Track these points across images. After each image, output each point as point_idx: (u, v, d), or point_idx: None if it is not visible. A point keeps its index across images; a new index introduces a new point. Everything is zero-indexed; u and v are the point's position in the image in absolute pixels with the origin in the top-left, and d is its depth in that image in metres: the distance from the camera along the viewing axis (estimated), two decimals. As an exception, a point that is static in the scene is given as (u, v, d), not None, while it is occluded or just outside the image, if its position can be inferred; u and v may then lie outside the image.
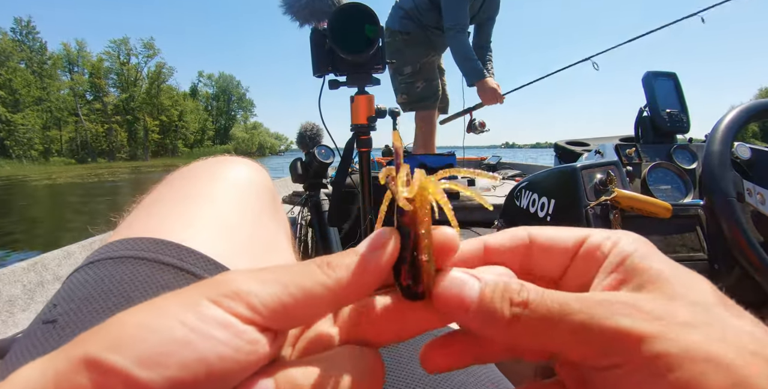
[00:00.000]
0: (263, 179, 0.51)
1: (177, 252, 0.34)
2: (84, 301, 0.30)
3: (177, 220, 0.39)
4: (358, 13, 1.02)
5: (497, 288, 0.19)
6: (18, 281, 1.13)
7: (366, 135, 1.16)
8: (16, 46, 47.62)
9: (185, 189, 0.44)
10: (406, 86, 2.78)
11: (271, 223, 0.47)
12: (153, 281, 0.32)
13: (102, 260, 0.34)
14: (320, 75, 1.14)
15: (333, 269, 0.18)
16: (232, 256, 0.37)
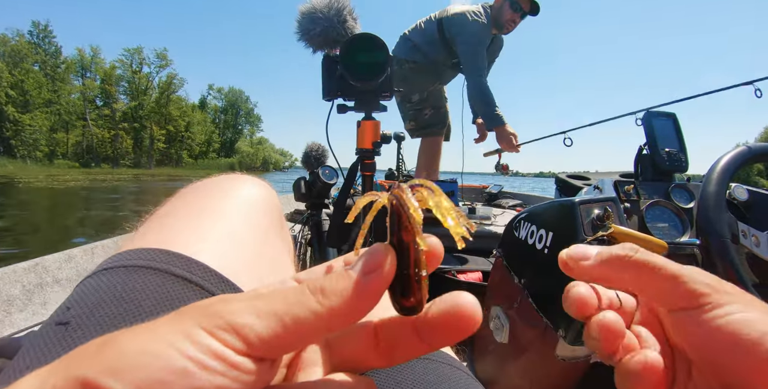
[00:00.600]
0: (271, 197, 0.53)
1: (187, 265, 0.36)
2: (96, 306, 0.32)
3: (189, 234, 0.40)
4: (369, 42, 1.06)
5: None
6: (18, 281, 1.14)
7: (370, 159, 1.19)
8: (31, 48, 48.45)
9: (198, 204, 0.46)
10: (415, 113, 2.83)
11: (277, 241, 0.48)
12: (163, 292, 0.33)
13: (115, 267, 0.36)
14: (329, 99, 1.18)
15: (327, 296, 0.18)
16: (238, 271, 0.38)
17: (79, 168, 46.66)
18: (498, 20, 2.63)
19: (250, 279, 0.39)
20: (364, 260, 0.19)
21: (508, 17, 2.62)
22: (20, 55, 45.84)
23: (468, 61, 2.54)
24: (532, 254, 1.07)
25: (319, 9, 1.06)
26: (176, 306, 0.32)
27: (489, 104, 2.48)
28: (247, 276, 0.39)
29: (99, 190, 14.89)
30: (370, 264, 0.19)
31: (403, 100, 2.83)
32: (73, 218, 7.94)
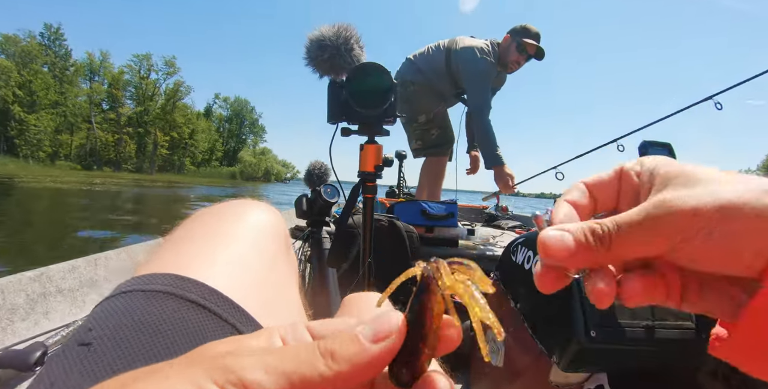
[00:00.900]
0: (279, 223, 0.55)
1: (201, 291, 0.38)
2: (117, 329, 0.33)
3: (202, 259, 0.43)
4: (374, 72, 1.10)
5: (584, 231, 0.26)
6: (22, 290, 1.16)
7: (372, 182, 1.22)
8: (42, 50, 48.95)
9: (211, 228, 0.48)
10: (421, 133, 2.88)
11: (283, 266, 0.51)
12: (178, 317, 0.35)
13: (134, 291, 0.38)
14: (334, 122, 1.21)
15: (336, 360, 0.19)
16: (247, 295, 0.41)
17: (81, 170, 46.79)
18: (503, 59, 2.70)
19: (257, 303, 0.41)
20: (375, 326, 0.20)
21: (513, 58, 2.69)
22: (30, 56, 46.30)
23: (473, 99, 2.60)
24: (529, 280, 1.08)
25: (328, 37, 1.10)
26: (192, 331, 0.35)
27: (491, 144, 2.53)
28: (255, 300, 0.41)
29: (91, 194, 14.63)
30: (381, 332, 0.20)
31: (409, 120, 2.87)
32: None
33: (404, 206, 2.23)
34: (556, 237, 0.26)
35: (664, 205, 0.24)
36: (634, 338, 0.87)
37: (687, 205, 0.23)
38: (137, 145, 57.93)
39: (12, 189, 13.95)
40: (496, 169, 2.54)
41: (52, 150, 48.18)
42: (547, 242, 0.26)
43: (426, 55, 2.76)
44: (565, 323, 0.89)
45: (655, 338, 0.88)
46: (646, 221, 0.24)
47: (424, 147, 2.92)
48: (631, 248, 0.25)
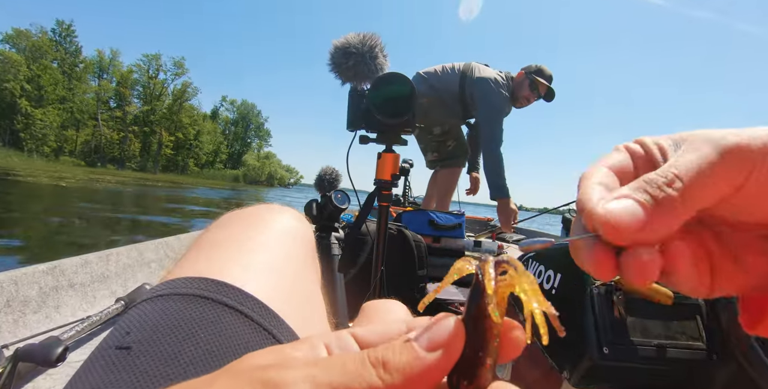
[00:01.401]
0: (307, 229, 0.56)
1: (237, 296, 0.38)
2: (155, 332, 0.33)
3: (236, 264, 0.43)
4: (398, 82, 1.11)
5: (646, 188, 0.22)
6: (36, 283, 1.16)
7: (388, 190, 1.23)
8: (52, 45, 49.44)
9: (241, 234, 0.48)
10: (437, 145, 2.91)
11: (311, 272, 0.51)
12: (216, 322, 0.35)
13: (170, 295, 0.38)
14: (353, 130, 1.23)
15: (388, 371, 0.17)
16: (279, 302, 0.41)
17: (84, 167, 46.91)
18: (515, 94, 2.73)
19: (290, 310, 0.41)
20: (430, 333, 0.18)
21: (525, 94, 2.73)
22: (40, 51, 46.80)
23: (488, 131, 2.60)
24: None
25: (353, 44, 1.11)
26: (228, 336, 0.34)
27: (500, 175, 2.55)
28: (288, 307, 0.41)
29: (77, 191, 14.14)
30: (436, 340, 0.18)
31: (423, 132, 2.89)
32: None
33: (413, 215, 2.24)
34: (622, 207, 0.21)
35: (724, 139, 0.21)
36: (646, 356, 0.86)
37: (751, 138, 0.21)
38: (142, 144, 58.17)
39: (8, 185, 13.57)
40: (500, 201, 2.55)
41: (57, 145, 48.42)
42: (612, 218, 0.21)
43: (438, 75, 2.76)
44: (578, 339, 0.89)
45: (666, 357, 0.88)
46: (708, 160, 0.21)
47: (441, 158, 2.95)
48: (700, 200, 0.21)
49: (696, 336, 0.92)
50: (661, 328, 0.91)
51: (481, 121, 2.65)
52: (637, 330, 0.90)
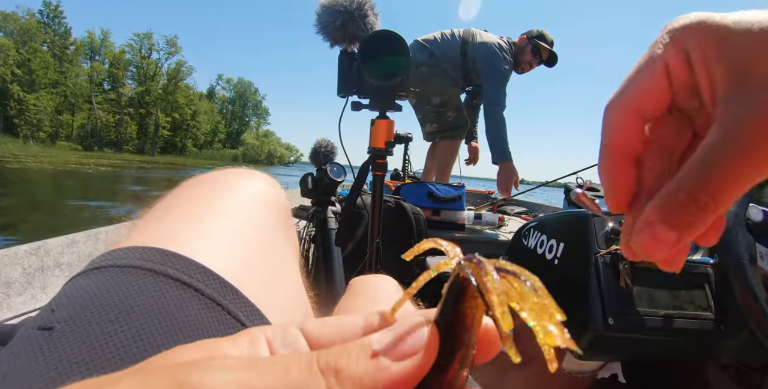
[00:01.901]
0: (279, 195, 0.49)
1: (185, 267, 0.33)
2: (83, 310, 0.29)
3: (189, 232, 0.37)
4: (390, 40, 1.05)
5: (677, 207, 0.21)
6: (18, 264, 1.14)
7: (382, 159, 1.18)
8: (41, 27, 48.72)
9: (201, 199, 0.43)
10: (437, 116, 2.83)
11: (283, 242, 0.46)
12: (156, 296, 0.30)
13: (107, 267, 0.33)
14: (344, 96, 1.17)
15: (341, 383, 0.14)
16: (241, 273, 0.36)
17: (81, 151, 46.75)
18: (517, 59, 2.71)
19: (253, 283, 0.36)
20: (398, 337, 0.15)
21: (527, 59, 2.71)
22: (29, 34, 46.16)
23: (492, 97, 2.57)
24: (541, 264, 1.06)
25: (340, 2, 1.04)
26: (173, 313, 0.30)
27: (502, 139, 2.52)
28: (251, 280, 0.37)
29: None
30: (406, 346, 0.15)
31: (421, 102, 2.82)
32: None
33: (411, 187, 2.20)
34: (650, 240, 0.21)
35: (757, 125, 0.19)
36: (652, 327, 0.86)
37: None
38: (138, 126, 57.91)
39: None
40: (502, 165, 2.53)
41: (52, 130, 48.22)
42: (644, 249, 0.22)
43: (438, 42, 2.71)
44: (581, 309, 0.87)
45: (674, 328, 0.86)
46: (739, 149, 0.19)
47: (440, 130, 2.88)
48: (738, 191, 0.20)
49: (704, 305, 0.91)
50: (669, 298, 0.90)
51: (485, 84, 2.61)
52: (643, 299, 0.88)
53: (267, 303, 0.36)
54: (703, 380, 0.97)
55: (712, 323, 0.89)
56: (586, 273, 0.90)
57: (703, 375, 0.97)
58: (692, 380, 0.99)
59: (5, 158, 19.10)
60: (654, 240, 0.21)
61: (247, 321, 0.32)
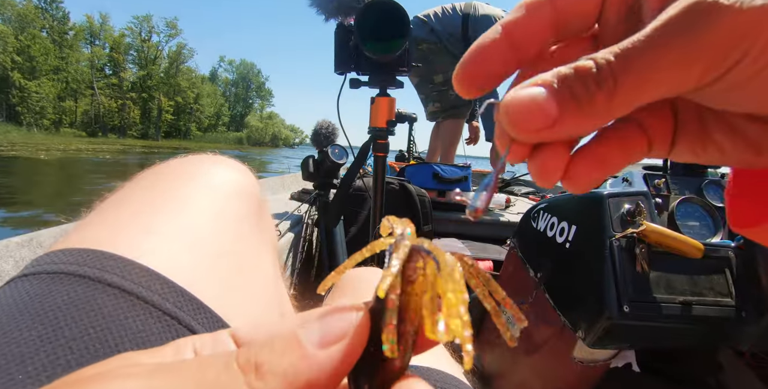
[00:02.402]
0: (247, 182, 0.45)
1: (127, 271, 0.29)
2: (2, 326, 0.25)
3: (136, 229, 0.33)
4: (387, 9, 0.99)
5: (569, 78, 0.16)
6: (10, 256, 1.12)
7: (384, 139, 1.14)
8: (38, 13, 48.46)
9: (152, 191, 0.38)
10: (439, 94, 2.81)
11: (251, 236, 0.41)
12: (91, 307, 0.27)
13: (37, 273, 0.29)
14: (341, 73, 1.12)
15: (263, 378, 0.13)
16: (197, 274, 0.32)
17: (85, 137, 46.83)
18: None
19: (211, 284, 0.32)
20: (323, 324, 0.14)
21: None
22: (26, 20, 45.93)
23: None
24: (552, 248, 1.03)
25: None
26: (107, 326, 0.26)
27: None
28: (208, 281, 0.33)
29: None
30: (332, 331, 0.14)
31: (424, 81, 2.81)
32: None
33: (416, 168, 2.18)
34: (526, 99, 0.16)
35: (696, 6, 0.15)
36: (669, 314, 0.83)
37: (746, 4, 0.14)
38: (141, 110, 57.98)
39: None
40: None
41: (56, 117, 48.32)
42: (513, 111, 0.16)
43: (439, 17, 2.68)
44: (595, 296, 0.84)
45: (692, 315, 0.83)
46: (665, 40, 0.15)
47: (443, 109, 2.86)
48: (648, 92, 0.16)
49: (725, 292, 0.87)
50: (687, 284, 0.87)
51: None
52: (660, 286, 0.85)
53: (230, 305, 0.32)
54: (718, 366, 0.95)
55: (732, 310, 0.85)
56: (601, 258, 0.87)
57: (718, 361, 0.94)
58: (707, 366, 0.97)
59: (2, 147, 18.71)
60: (530, 103, 0.16)
61: (202, 330, 0.29)
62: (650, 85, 0.15)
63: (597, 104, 0.16)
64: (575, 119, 0.16)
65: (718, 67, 0.15)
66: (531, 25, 0.19)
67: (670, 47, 0.15)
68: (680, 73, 0.15)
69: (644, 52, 0.15)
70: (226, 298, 0.32)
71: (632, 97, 0.16)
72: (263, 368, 0.13)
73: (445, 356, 0.48)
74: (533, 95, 0.16)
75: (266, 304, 0.38)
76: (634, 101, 0.16)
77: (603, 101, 0.16)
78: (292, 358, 0.13)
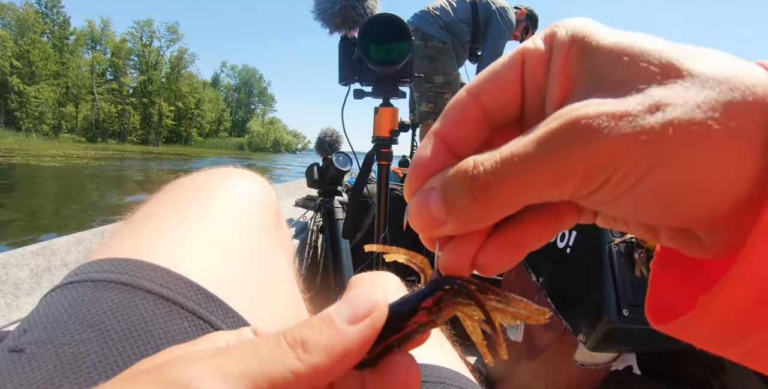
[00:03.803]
0: (266, 195, 0.48)
1: (164, 279, 0.32)
2: (56, 330, 0.28)
3: (168, 240, 0.36)
4: (390, 24, 1.03)
5: (452, 179, 0.18)
6: (26, 264, 1.15)
7: (387, 148, 1.18)
8: (39, 17, 48.70)
9: (181, 204, 0.41)
10: (434, 96, 2.80)
11: (271, 247, 0.45)
12: (134, 312, 0.30)
13: (81, 281, 0.32)
14: (346, 84, 1.16)
15: (309, 352, 0.15)
16: (226, 282, 0.35)
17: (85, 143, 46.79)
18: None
19: (238, 291, 0.36)
20: (350, 305, 0.17)
21: (515, 33, 2.82)
22: (26, 25, 46.14)
23: (494, 42, 2.66)
24: (553, 253, 1.05)
25: None
26: (150, 329, 0.29)
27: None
28: (236, 288, 0.36)
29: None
30: (359, 309, 0.17)
31: (424, 80, 2.79)
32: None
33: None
34: (416, 203, 0.19)
35: (567, 123, 0.16)
36: None
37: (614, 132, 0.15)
38: (142, 116, 58.05)
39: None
40: None
41: (55, 123, 48.38)
42: (410, 212, 0.19)
43: (447, 9, 2.69)
44: (595, 300, 0.86)
45: None
46: (541, 155, 0.16)
47: (435, 111, 2.83)
48: (521, 198, 0.17)
49: None
50: None
51: (493, 35, 2.68)
52: None
53: (255, 311, 0.36)
54: (721, 368, 0.96)
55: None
56: (600, 263, 0.88)
57: (720, 363, 0.96)
58: (709, 368, 0.99)
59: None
60: (421, 206, 0.19)
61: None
62: (528, 194, 0.17)
63: (476, 209, 0.18)
64: (461, 221, 0.18)
65: (588, 186, 0.16)
66: (462, 129, 0.20)
67: (544, 163, 0.16)
68: (555, 187, 0.17)
69: (522, 163, 0.16)
70: (251, 303, 0.36)
71: (511, 202, 0.17)
72: (308, 343, 0.16)
73: (452, 354, 0.51)
74: (422, 200, 0.19)
75: (285, 308, 0.42)
76: (514, 205, 0.18)
77: (481, 206, 0.18)
78: (329, 333, 0.16)
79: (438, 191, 0.19)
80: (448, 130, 0.20)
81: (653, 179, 0.16)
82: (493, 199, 0.17)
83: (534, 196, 0.17)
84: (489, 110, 0.20)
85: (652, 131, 0.15)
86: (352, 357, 0.16)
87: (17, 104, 44.27)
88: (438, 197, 0.19)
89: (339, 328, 0.16)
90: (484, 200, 0.17)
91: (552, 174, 0.16)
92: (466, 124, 0.20)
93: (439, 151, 0.20)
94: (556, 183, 0.16)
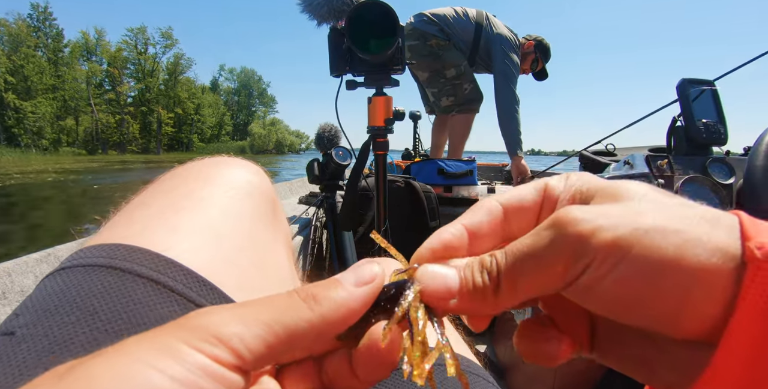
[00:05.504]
0: (261, 183, 0.49)
1: (154, 263, 0.33)
2: (46, 313, 0.29)
3: (160, 226, 0.37)
4: (376, 10, 1.04)
5: (472, 267, 0.22)
6: (30, 272, 1.18)
7: (383, 138, 1.19)
8: (31, 31, 48.87)
9: (174, 192, 0.42)
10: (453, 88, 2.83)
11: (266, 233, 0.45)
12: (123, 295, 0.31)
13: (73, 267, 0.33)
14: (338, 75, 1.17)
15: (319, 303, 0.19)
16: (217, 268, 0.36)
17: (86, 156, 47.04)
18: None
19: (231, 277, 0.37)
20: (356, 271, 0.21)
21: (524, 66, 2.86)
22: (19, 39, 46.29)
23: (507, 91, 2.70)
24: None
25: None
26: (138, 311, 0.30)
27: (517, 134, 2.68)
28: (228, 273, 0.37)
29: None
30: (363, 276, 0.20)
31: (435, 76, 2.82)
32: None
33: (420, 165, 2.22)
34: (438, 274, 0.22)
35: (556, 222, 0.19)
36: None
37: (587, 224, 0.18)
38: (141, 124, 58.22)
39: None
40: (515, 158, 2.68)
41: (55, 137, 48.53)
42: (423, 279, 0.22)
43: (450, 20, 2.72)
44: None
45: None
46: (536, 246, 0.20)
47: (457, 103, 2.87)
48: (524, 288, 0.20)
49: None
50: None
51: (501, 80, 2.70)
52: None
53: (249, 296, 0.36)
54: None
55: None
56: None
57: None
58: None
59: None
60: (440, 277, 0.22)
61: None
62: (527, 280, 0.20)
63: (487, 291, 0.21)
64: (471, 300, 0.21)
65: (569, 274, 0.19)
66: (491, 229, 0.24)
67: (535, 256, 0.20)
68: (545, 276, 0.20)
69: (521, 255, 0.20)
70: (244, 288, 0.37)
71: (518, 288, 0.20)
72: (318, 296, 0.19)
73: (455, 336, 0.51)
74: (444, 273, 0.22)
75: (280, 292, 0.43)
76: (519, 293, 0.20)
77: (491, 289, 0.21)
78: (337, 290, 0.20)
79: (457, 270, 0.22)
80: (476, 227, 0.24)
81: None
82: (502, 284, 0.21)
83: (535, 284, 0.20)
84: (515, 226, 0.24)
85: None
86: (354, 314, 0.19)
87: (14, 120, 44.42)
88: (456, 274, 0.22)
89: (345, 286, 0.20)
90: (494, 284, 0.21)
91: (541, 264, 0.20)
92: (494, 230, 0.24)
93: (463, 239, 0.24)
94: (545, 270, 0.20)
